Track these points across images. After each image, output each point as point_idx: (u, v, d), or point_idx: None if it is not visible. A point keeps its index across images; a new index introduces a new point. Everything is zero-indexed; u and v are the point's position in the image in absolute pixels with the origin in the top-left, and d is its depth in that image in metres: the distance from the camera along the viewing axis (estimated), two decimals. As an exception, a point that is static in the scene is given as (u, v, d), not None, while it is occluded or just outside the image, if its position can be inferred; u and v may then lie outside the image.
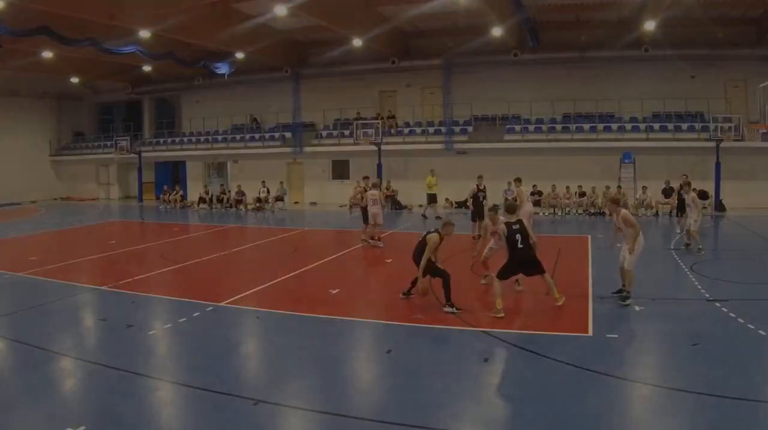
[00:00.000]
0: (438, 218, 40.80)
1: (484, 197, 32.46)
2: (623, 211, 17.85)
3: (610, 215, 18.55)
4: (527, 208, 26.10)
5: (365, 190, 31.66)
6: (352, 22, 46.37)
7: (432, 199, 44.27)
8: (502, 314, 16.21)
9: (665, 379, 12.35)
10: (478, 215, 31.42)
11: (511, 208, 18.71)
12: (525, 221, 20.75)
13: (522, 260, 17.03)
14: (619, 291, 18.06)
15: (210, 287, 21.11)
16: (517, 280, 19.20)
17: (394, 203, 50.52)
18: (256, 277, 22.78)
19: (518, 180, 29.65)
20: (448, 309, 16.59)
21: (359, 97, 58.11)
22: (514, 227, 17.12)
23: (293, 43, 57.36)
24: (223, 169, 64.27)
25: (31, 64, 53.29)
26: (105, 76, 64.31)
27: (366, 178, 33.62)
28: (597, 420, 10.45)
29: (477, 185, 32.53)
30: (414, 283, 18.04)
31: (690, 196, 27.08)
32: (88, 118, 75.03)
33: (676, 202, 34.77)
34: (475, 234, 30.71)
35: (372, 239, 30.55)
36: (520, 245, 16.90)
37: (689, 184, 29.54)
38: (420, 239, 17.61)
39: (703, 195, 41.24)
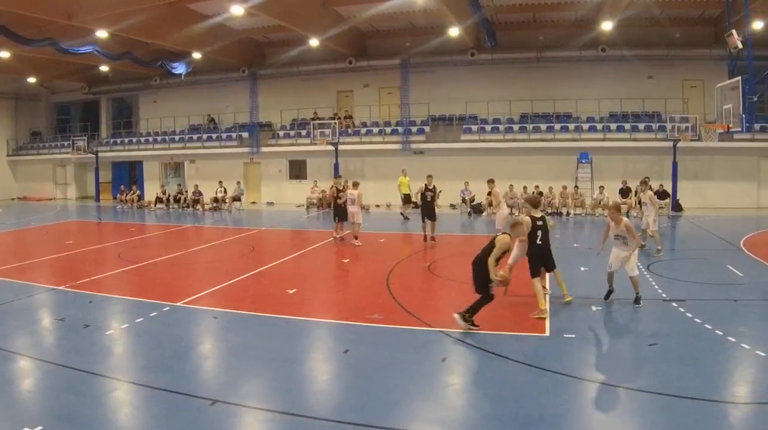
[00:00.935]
0: (406, 218, 40.94)
1: (433, 197, 30.72)
2: (626, 220, 17.43)
3: (612, 221, 18.30)
4: (504, 210, 26.13)
5: (339, 190, 31.37)
6: (309, 22, 45.49)
7: (407, 199, 42.91)
8: (546, 315, 16.07)
9: (623, 379, 12.23)
10: (426, 215, 30.32)
11: (535, 201, 18.42)
12: (500, 223, 21.02)
13: (541, 254, 17.08)
14: (608, 294, 17.87)
15: (167, 287, 20.85)
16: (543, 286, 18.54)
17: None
18: (213, 277, 22.49)
19: (491, 181, 29.51)
20: (460, 320, 14.99)
21: (316, 97, 57.00)
22: (538, 222, 17.03)
23: (250, 44, 56.39)
24: (180, 169, 62.33)
25: (-13, 64, 52.88)
26: (62, 76, 62.50)
27: (339, 177, 33.66)
28: (555, 420, 10.32)
29: (426, 185, 31.09)
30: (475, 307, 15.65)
31: (647, 195, 26.51)
32: (45, 118, 72.55)
33: (637, 202, 34.16)
34: (427, 234, 30.30)
35: (355, 238, 29.88)
36: (539, 241, 16.94)
37: (645, 182, 28.54)
38: (488, 241, 16.03)
39: (662, 195, 41.46)
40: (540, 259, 17.17)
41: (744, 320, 16.13)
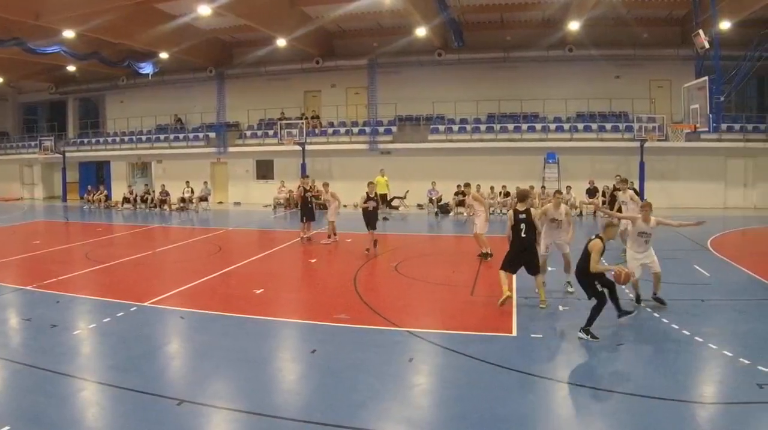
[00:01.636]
0: (385, 218, 39.80)
1: (376, 207, 27.46)
2: (654, 219, 17.26)
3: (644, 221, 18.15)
4: (483, 216, 25.24)
5: (306, 190, 30.87)
6: (276, 22, 44.63)
7: (382, 199, 41.44)
8: (507, 295, 16.54)
9: (590, 379, 12.26)
10: (368, 224, 27.12)
11: (522, 195, 17.94)
12: (482, 228, 20.95)
13: (524, 246, 16.82)
14: (638, 298, 17.32)
15: (134, 287, 20.38)
16: (568, 281, 18.46)
17: (318, 203, 48.73)
18: (180, 277, 22.06)
19: (467, 185, 27.76)
20: (582, 335, 14.39)
21: (284, 97, 55.76)
22: (520, 215, 16.81)
23: (218, 43, 55.02)
24: (147, 170, 60.71)
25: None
26: (29, 76, 60.88)
27: (306, 177, 33.46)
28: (522, 420, 10.27)
29: (367, 193, 27.42)
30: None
31: (628, 194, 24.87)
32: (11, 117, 70.69)
33: (608, 202, 33.47)
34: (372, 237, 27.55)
35: (328, 236, 29.63)
36: (523, 235, 16.71)
37: (626, 181, 26.70)
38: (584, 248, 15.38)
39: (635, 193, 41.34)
40: (520, 253, 16.89)
41: (711, 320, 16.00)
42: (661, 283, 17.15)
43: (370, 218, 26.95)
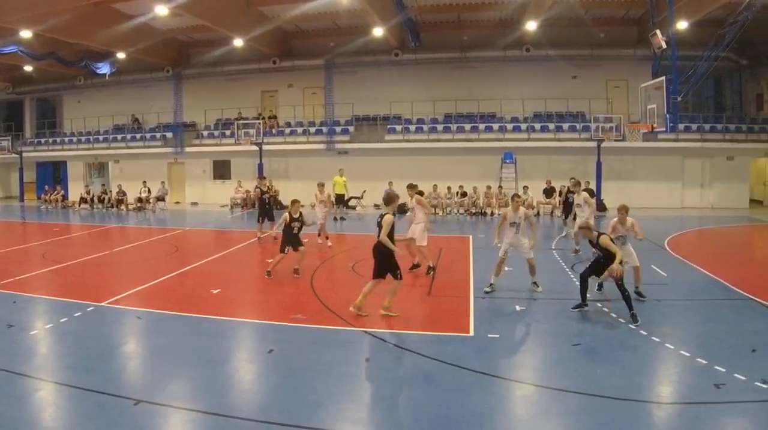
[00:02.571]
0: (342, 218, 39.71)
1: (300, 228, 27.55)
2: (631, 220, 18.08)
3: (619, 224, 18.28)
4: (422, 225, 23.81)
5: (264, 191, 30.71)
6: (233, 22, 43.50)
7: (340, 199, 41.15)
8: (360, 313, 15.82)
9: (546, 378, 12.06)
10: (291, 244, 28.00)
11: (389, 198, 16.85)
12: (419, 234, 20.52)
13: (375, 253, 16.01)
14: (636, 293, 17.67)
15: (91, 287, 19.94)
16: (534, 282, 18.46)
17: (275, 203, 48.59)
18: (137, 277, 21.58)
19: (411, 186, 23.33)
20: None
21: (241, 97, 54.31)
22: (378, 219, 16.07)
23: (175, 43, 53.42)
24: (105, 170, 59.02)
25: None
26: None
27: (263, 178, 33.12)
28: (479, 420, 10.11)
29: (290, 213, 22.47)
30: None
31: (582, 196, 25.27)
32: None
33: (561, 204, 33.31)
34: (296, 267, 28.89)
35: (326, 238, 28.54)
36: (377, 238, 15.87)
37: (579, 184, 27.48)
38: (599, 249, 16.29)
39: (590, 194, 41.35)
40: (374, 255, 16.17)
41: (668, 320, 15.89)
42: (641, 276, 17.74)
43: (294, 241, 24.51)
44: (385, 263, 15.75)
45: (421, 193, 22.95)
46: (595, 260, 16.42)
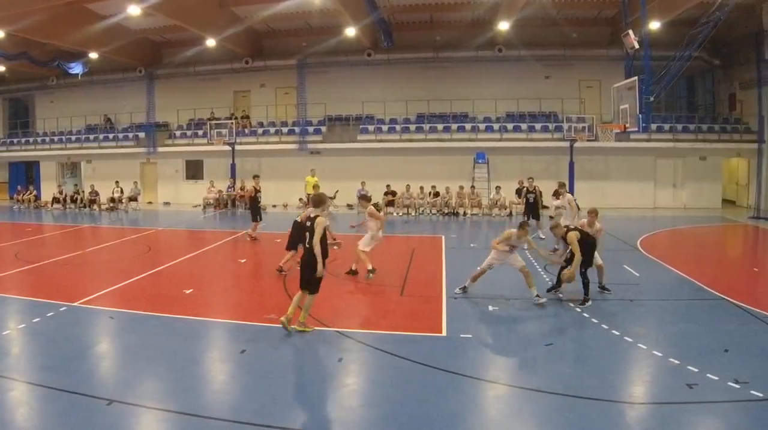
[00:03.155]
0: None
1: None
2: (599, 225, 18.41)
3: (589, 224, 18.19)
4: (371, 234, 23.01)
5: (257, 191, 30.62)
6: (205, 22, 42.59)
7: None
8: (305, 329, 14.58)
9: (519, 379, 11.99)
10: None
11: (317, 200, 15.09)
12: (365, 243, 19.94)
13: (302, 258, 14.73)
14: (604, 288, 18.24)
15: (64, 287, 19.60)
16: (537, 294, 17.42)
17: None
18: (110, 277, 21.16)
19: (364, 198, 23.73)
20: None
21: (213, 97, 53.34)
22: (307, 223, 14.53)
23: (147, 44, 52.26)
24: (77, 170, 58.16)
25: None
26: None
27: (256, 176, 32.77)
28: (452, 420, 9.98)
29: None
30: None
31: (566, 198, 25.41)
32: None
33: (523, 204, 32.25)
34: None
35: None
36: (307, 245, 14.35)
37: (564, 185, 27.67)
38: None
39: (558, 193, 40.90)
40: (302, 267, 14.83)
41: (640, 320, 15.77)
42: (605, 274, 18.16)
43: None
44: (306, 272, 14.42)
45: (376, 205, 22.59)
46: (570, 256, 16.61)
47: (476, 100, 47.63)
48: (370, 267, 20.81)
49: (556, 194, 36.41)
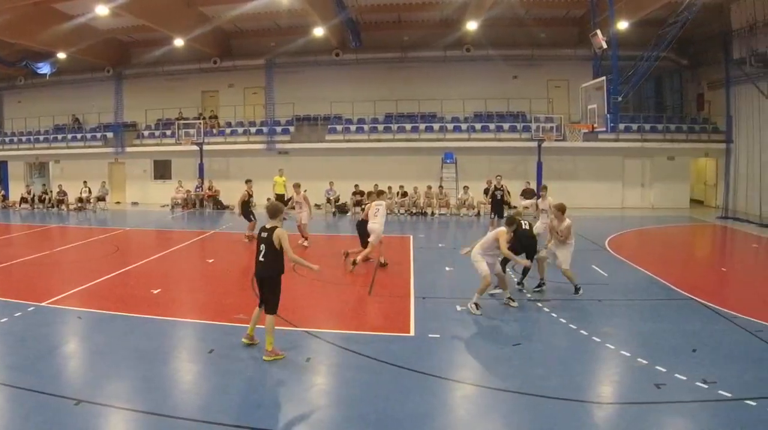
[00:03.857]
0: (283, 218, 39.20)
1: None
2: (568, 221, 18.25)
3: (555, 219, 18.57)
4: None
5: (250, 195, 30.53)
6: (173, 22, 41.89)
7: (280, 199, 38.31)
8: (253, 342, 13.56)
9: (487, 379, 11.94)
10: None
11: (274, 210, 13.35)
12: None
13: (256, 274, 13.12)
14: (539, 285, 18.53)
15: (32, 287, 19.43)
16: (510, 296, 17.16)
17: (215, 203, 46.02)
18: (78, 277, 20.96)
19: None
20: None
21: (181, 97, 52.29)
22: (262, 234, 12.89)
23: (115, 43, 51.09)
24: (45, 170, 56.96)
25: None
26: None
27: (249, 181, 32.33)
28: (420, 420, 9.95)
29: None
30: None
31: (547, 202, 24.34)
32: None
33: (489, 203, 32.15)
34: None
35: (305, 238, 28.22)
36: (261, 258, 12.76)
37: (545, 188, 27.42)
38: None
39: (529, 193, 40.70)
40: (256, 278, 13.55)
41: (609, 320, 15.72)
42: (571, 276, 18.27)
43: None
44: (266, 287, 13.00)
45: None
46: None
47: (444, 100, 46.59)
48: (358, 259, 21.83)
49: (525, 194, 36.01)
